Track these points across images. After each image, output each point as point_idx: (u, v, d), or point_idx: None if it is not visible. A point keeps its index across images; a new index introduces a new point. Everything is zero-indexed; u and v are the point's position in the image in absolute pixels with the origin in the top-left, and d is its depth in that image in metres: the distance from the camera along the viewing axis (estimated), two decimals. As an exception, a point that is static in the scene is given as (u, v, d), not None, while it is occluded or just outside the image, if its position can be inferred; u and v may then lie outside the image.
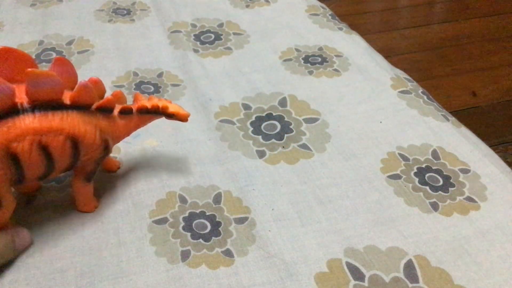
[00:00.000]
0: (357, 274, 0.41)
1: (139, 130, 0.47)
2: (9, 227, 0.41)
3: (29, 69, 0.35)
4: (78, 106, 0.39)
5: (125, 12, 0.84)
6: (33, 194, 0.48)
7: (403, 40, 1.08)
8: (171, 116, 0.46)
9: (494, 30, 1.13)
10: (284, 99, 0.62)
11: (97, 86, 0.42)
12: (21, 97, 0.36)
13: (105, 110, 0.42)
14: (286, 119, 0.59)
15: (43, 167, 0.38)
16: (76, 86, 0.38)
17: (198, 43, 0.75)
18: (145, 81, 0.66)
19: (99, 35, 0.77)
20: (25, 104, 0.36)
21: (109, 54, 0.72)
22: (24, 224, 0.45)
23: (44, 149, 0.37)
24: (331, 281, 0.40)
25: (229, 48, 0.74)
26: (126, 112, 0.44)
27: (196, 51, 0.73)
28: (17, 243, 0.41)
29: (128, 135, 0.46)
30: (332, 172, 0.51)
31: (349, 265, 0.42)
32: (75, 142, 0.38)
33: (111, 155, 0.51)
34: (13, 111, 0.36)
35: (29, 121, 0.36)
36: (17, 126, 0.35)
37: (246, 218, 0.46)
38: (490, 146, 0.56)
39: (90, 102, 0.40)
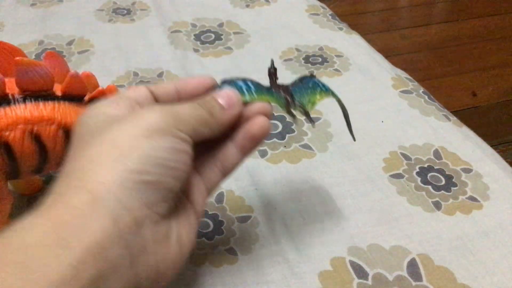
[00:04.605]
0: (360, 272, 0.41)
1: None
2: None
3: (18, 58, 0.35)
4: (70, 98, 0.39)
5: (125, 12, 0.83)
6: (35, 195, 0.48)
7: (403, 40, 1.08)
8: None
9: (494, 30, 1.13)
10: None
11: (89, 80, 0.42)
12: (12, 88, 0.36)
13: None
14: (287, 119, 0.59)
15: (37, 157, 0.38)
16: (67, 77, 0.38)
17: (198, 42, 0.75)
18: (145, 81, 0.65)
19: (99, 35, 0.76)
20: (16, 95, 0.36)
21: (109, 54, 0.71)
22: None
23: (37, 139, 0.37)
24: (334, 279, 0.40)
25: (229, 48, 0.74)
26: None
27: (196, 50, 0.73)
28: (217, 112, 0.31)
29: None
30: (334, 172, 0.51)
31: (352, 264, 0.41)
32: (67, 132, 0.38)
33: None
34: (4, 101, 0.36)
35: (20, 111, 0.36)
36: (8, 116, 0.36)
37: (249, 217, 0.46)
38: (490, 146, 0.56)
39: (82, 93, 0.40)
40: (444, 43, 1.08)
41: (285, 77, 0.66)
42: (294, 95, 0.38)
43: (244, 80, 0.35)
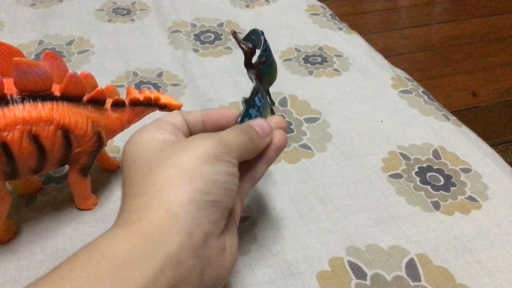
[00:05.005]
0: (359, 273, 0.41)
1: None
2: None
3: (16, 58, 0.35)
4: (69, 98, 0.39)
5: (125, 12, 0.84)
6: (34, 195, 0.48)
7: (403, 40, 1.08)
8: (163, 107, 0.45)
9: (494, 30, 1.13)
10: (284, 99, 0.62)
11: (88, 80, 0.42)
12: (11, 88, 0.36)
13: (97, 102, 0.42)
14: (287, 119, 0.59)
15: (35, 158, 0.38)
16: (65, 77, 0.38)
17: (198, 42, 0.75)
18: (145, 80, 0.65)
19: (99, 35, 0.76)
20: (15, 95, 0.36)
21: (109, 54, 0.71)
22: (25, 224, 0.45)
23: (35, 139, 0.37)
24: (333, 279, 0.40)
25: (229, 48, 0.74)
26: (118, 104, 0.44)
27: (196, 50, 0.73)
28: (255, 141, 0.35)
29: (122, 129, 0.45)
30: (333, 172, 0.51)
31: (351, 264, 0.41)
32: (66, 133, 0.38)
33: (111, 154, 0.51)
34: (3, 101, 0.36)
35: (18, 111, 0.36)
36: (6, 116, 0.36)
37: (247, 218, 0.46)
38: (490, 145, 0.56)
39: (81, 94, 0.40)
40: (444, 43, 1.08)
41: (285, 77, 0.67)
42: (264, 74, 0.41)
43: (257, 94, 0.38)
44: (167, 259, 0.26)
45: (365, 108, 0.61)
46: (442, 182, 0.50)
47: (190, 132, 0.36)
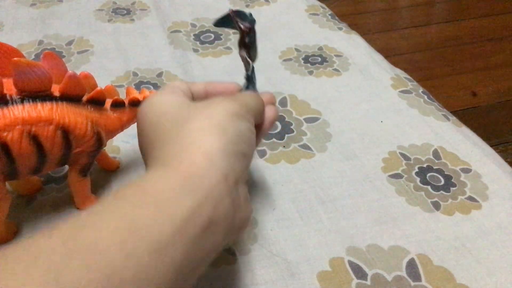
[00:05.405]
0: (359, 272, 0.41)
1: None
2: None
3: (16, 59, 0.35)
4: (68, 98, 0.39)
5: (125, 12, 0.84)
6: (33, 195, 0.48)
7: (403, 40, 1.08)
8: None
9: (494, 30, 1.13)
10: (284, 99, 0.62)
11: (87, 80, 0.42)
12: (10, 89, 0.36)
13: (96, 103, 0.42)
14: (286, 119, 0.59)
15: (35, 158, 0.38)
16: (64, 77, 0.38)
17: (198, 42, 0.75)
18: (145, 80, 0.65)
19: (99, 35, 0.76)
20: (14, 96, 0.36)
21: (109, 54, 0.71)
22: (25, 224, 0.45)
23: (35, 139, 0.37)
24: (333, 279, 0.40)
25: (229, 48, 0.74)
26: (118, 104, 0.44)
27: (196, 50, 0.73)
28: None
29: (122, 129, 0.45)
30: (333, 172, 0.51)
31: (351, 264, 0.41)
32: (65, 133, 0.38)
33: (111, 155, 0.51)
34: (2, 102, 0.36)
35: (18, 112, 0.36)
36: (5, 116, 0.36)
37: (247, 218, 0.46)
38: (490, 145, 0.56)
39: (80, 94, 0.40)
40: (444, 43, 1.08)
41: (285, 77, 0.67)
42: (252, 53, 0.43)
43: (253, 72, 0.42)
44: (206, 195, 0.28)
45: (365, 108, 0.61)
46: (442, 182, 0.50)
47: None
